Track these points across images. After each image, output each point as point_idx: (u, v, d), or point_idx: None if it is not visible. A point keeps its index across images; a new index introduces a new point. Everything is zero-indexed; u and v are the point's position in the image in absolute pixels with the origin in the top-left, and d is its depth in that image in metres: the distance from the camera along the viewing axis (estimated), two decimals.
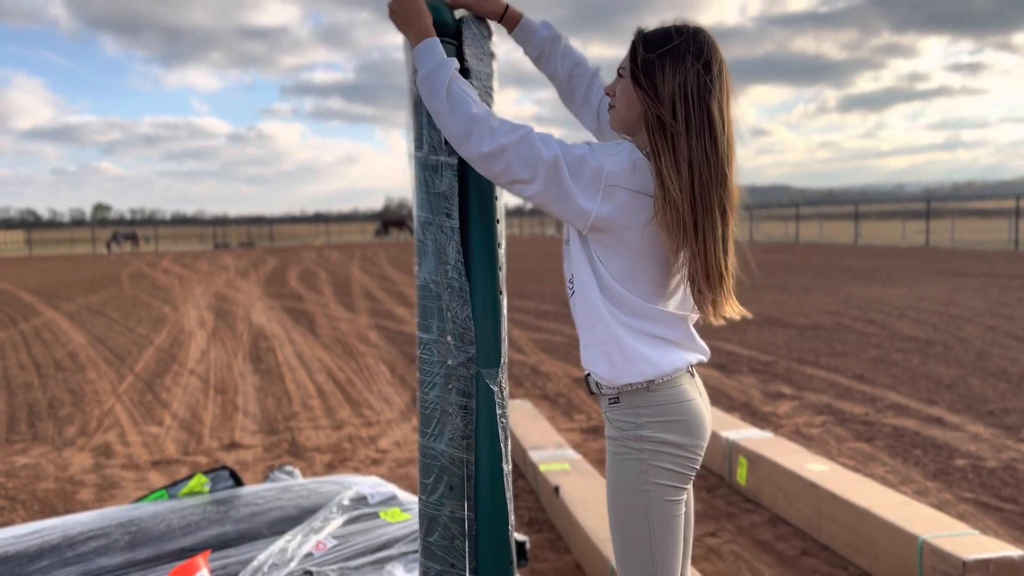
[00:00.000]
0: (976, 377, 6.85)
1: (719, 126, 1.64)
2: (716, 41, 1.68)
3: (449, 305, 1.81)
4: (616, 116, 1.76)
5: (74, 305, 14.77)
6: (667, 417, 1.69)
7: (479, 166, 1.65)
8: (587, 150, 1.63)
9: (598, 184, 1.61)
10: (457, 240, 1.81)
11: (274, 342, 9.90)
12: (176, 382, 7.63)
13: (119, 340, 10.32)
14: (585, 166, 1.61)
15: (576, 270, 1.74)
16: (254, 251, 38.87)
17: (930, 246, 27.76)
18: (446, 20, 1.83)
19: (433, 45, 1.72)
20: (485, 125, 1.62)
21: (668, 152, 1.61)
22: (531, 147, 1.60)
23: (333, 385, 7.36)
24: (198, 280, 20.32)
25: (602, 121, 1.99)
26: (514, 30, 2.00)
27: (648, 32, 1.70)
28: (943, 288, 13.76)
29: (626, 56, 1.72)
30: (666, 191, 1.60)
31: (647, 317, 1.70)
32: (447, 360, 1.82)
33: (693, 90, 1.62)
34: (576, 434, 5.51)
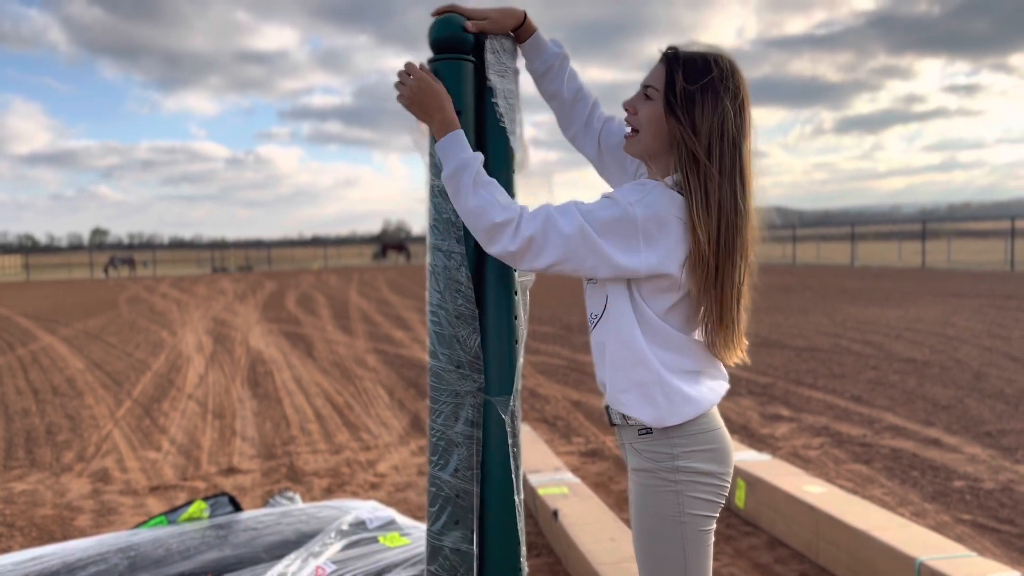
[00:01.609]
0: (973, 398, 6.86)
1: (748, 169, 1.63)
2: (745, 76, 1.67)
3: (458, 333, 1.79)
4: (638, 142, 1.71)
5: (71, 330, 14.77)
6: (702, 446, 1.67)
7: (511, 263, 1.63)
8: (612, 206, 1.59)
9: (636, 237, 1.58)
10: (467, 266, 1.79)
11: (272, 366, 9.90)
12: (174, 407, 7.62)
13: (117, 365, 10.31)
14: (616, 224, 1.57)
15: (612, 309, 1.69)
16: (252, 275, 38.90)
17: (926, 267, 27.85)
18: (464, 39, 1.78)
19: (456, 140, 1.67)
20: (509, 226, 1.59)
21: (700, 192, 1.59)
22: (554, 228, 1.57)
23: (331, 409, 7.36)
24: (196, 304, 20.32)
25: (603, 149, 1.96)
26: (525, 41, 1.93)
27: (685, 56, 1.65)
28: (940, 309, 13.80)
29: (655, 76, 1.67)
30: (693, 232, 1.59)
31: (686, 352, 1.69)
32: (455, 388, 1.79)
33: (729, 130, 1.60)
34: (574, 457, 5.51)
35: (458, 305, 1.78)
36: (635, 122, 1.70)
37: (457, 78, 1.78)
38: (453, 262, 1.78)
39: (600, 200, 1.62)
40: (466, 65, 1.78)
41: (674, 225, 1.60)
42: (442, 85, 1.73)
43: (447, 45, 1.77)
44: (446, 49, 1.77)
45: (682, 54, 1.66)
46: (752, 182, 1.64)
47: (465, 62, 1.78)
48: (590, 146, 1.98)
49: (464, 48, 1.78)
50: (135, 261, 44.15)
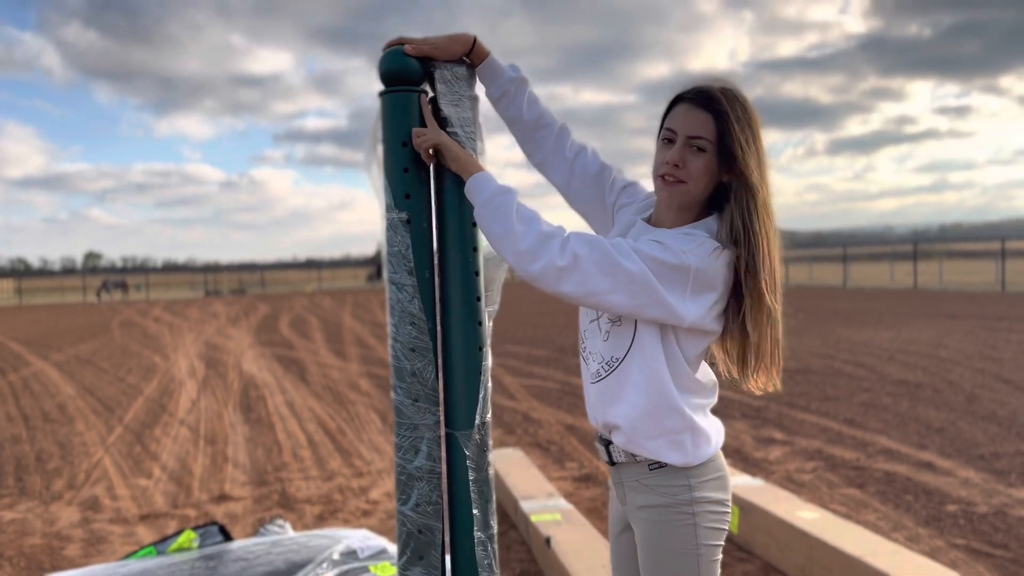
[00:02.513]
0: (966, 421, 6.87)
1: (772, 204, 1.67)
2: None
3: (413, 366, 1.75)
4: (686, 193, 1.67)
5: (63, 355, 14.70)
6: (712, 475, 1.69)
7: (551, 284, 1.56)
8: (665, 251, 1.56)
9: (685, 286, 1.57)
10: (419, 298, 1.74)
11: (265, 391, 9.86)
12: (166, 433, 7.58)
13: (108, 390, 10.26)
14: (671, 270, 1.56)
15: (639, 353, 1.66)
16: (245, 298, 38.83)
17: (918, 288, 27.95)
18: (411, 68, 1.74)
19: (488, 176, 1.64)
20: (557, 239, 1.55)
21: (764, 238, 1.61)
22: (607, 255, 1.54)
23: (324, 435, 7.33)
24: (189, 328, 20.26)
25: (575, 179, 1.91)
26: (478, 66, 1.85)
27: (729, 97, 1.64)
28: (932, 331, 13.84)
29: (701, 125, 1.63)
30: (755, 276, 1.61)
31: (706, 391, 1.72)
32: (414, 422, 1.76)
33: (764, 167, 1.65)
34: (568, 483, 5.50)
35: (412, 338, 1.74)
36: (682, 175, 1.66)
37: (403, 110, 1.75)
38: (405, 294, 1.74)
39: (649, 243, 1.59)
40: (412, 96, 1.76)
41: (721, 279, 1.61)
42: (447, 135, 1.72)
43: (395, 77, 1.75)
44: (394, 81, 1.75)
45: (726, 99, 1.64)
46: (775, 215, 1.68)
47: (412, 93, 1.76)
48: (560, 174, 1.92)
49: (412, 79, 1.75)
50: (128, 285, 44.04)
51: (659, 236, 1.62)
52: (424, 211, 1.75)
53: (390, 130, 1.75)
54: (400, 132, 1.74)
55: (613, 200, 1.93)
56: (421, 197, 1.75)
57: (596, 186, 1.92)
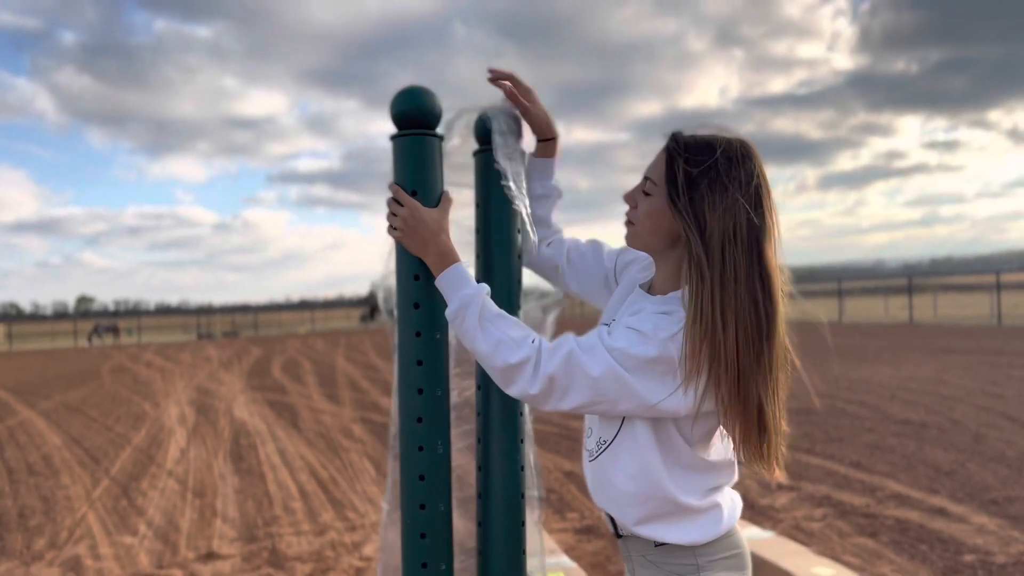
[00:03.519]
0: (975, 462, 6.71)
1: (771, 272, 1.44)
2: (759, 156, 1.49)
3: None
4: (636, 237, 1.56)
5: (52, 403, 14.44)
6: (725, 553, 1.54)
7: (533, 405, 1.51)
8: (644, 341, 1.41)
9: (666, 376, 1.42)
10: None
11: (256, 438, 9.65)
12: (153, 485, 7.36)
13: (96, 440, 10.02)
14: (652, 363, 1.40)
15: (629, 434, 1.52)
16: (238, 341, 38.53)
17: (914, 323, 27.88)
18: (429, 108, 1.63)
19: (456, 275, 1.54)
20: (527, 366, 1.44)
21: (708, 302, 1.41)
22: (579, 367, 1.42)
23: (316, 485, 7.12)
24: (180, 373, 20.01)
25: (571, 261, 1.88)
26: (542, 159, 1.85)
27: (688, 141, 1.47)
28: (931, 367, 13.70)
29: (655, 166, 1.52)
30: (710, 346, 1.41)
31: (712, 471, 1.55)
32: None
33: (742, 227, 1.41)
34: (569, 535, 5.30)
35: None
36: (633, 216, 1.55)
37: (422, 155, 1.62)
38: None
39: (628, 333, 1.44)
40: (432, 141, 1.64)
41: None
42: (435, 210, 1.59)
43: (410, 119, 1.62)
44: (409, 123, 1.62)
45: (684, 139, 1.48)
46: (777, 285, 1.45)
47: (428, 137, 1.63)
48: (549, 264, 1.90)
49: (430, 123, 1.63)
50: (119, 329, 43.72)
51: (640, 319, 1.46)
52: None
53: (402, 178, 1.62)
54: (413, 180, 1.62)
55: (612, 265, 1.84)
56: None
57: (593, 260, 1.87)
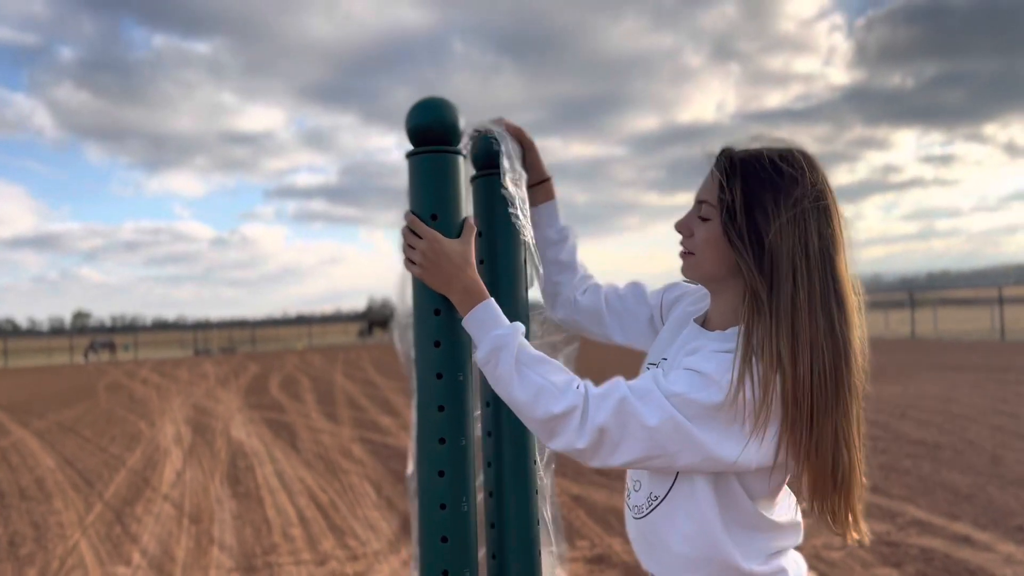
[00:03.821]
0: (994, 485, 6.52)
1: (845, 288, 1.28)
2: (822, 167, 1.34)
3: None
4: (697, 267, 1.39)
5: (46, 422, 14.21)
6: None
7: (580, 460, 1.31)
8: (707, 385, 1.23)
9: (731, 424, 1.23)
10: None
11: (253, 460, 9.43)
12: (148, 510, 7.14)
13: (90, 462, 9.80)
14: (716, 410, 1.23)
15: (684, 490, 1.34)
16: (235, 357, 38.29)
17: (916, 337, 27.73)
18: (450, 122, 1.45)
19: (487, 313, 1.35)
20: (573, 416, 1.26)
21: (783, 334, 1.24)
22: (633, 416, 1.24)
23: (315, 509, 6.91)
24: (177, 390, 19.78)
25: (611, 306, 1.71)
26: (543, 204, 1.71)
27: (742, 159, 1.32)
28: (939, 384, 13.52)
29: (708, 188, 1.36)
30: (782, 382, 1.23)
31: (785, 533, 1.39)
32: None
33: (813, 243, 1.26)
34: (579, 564, 5.11)
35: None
36: (690, 245, 1.39)
37: (443, 175, 1.43)
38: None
39: (687, 376, 1.26)
40: (454, 159, 1.45)
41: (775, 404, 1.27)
42: (458, 241, 1.40)
43: (430, 135, 1.43)
44: (430, 140, 1.43)
45: (736, 155, 1.34)
46: (853, 302, 1.30)
47: (452, 155, 1.44)
48: (590, 314, 1.72)
49: (451, 139, 1.45)
50: (116, 345, 43.46)
51: (699, 359, 1.29)
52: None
53: (419, 202, 1.43)
54: (432, 204, 1.43)
55: (658, 302, 1.67)
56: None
57: (635, 302, 1.71)
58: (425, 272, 1.39)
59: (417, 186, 1.44)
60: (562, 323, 1.76)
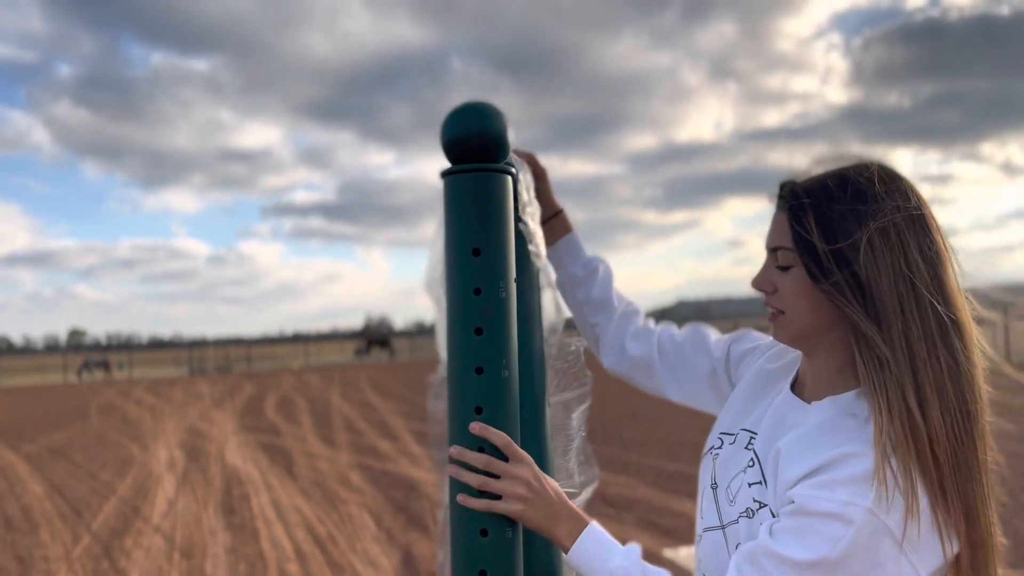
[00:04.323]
0: (1020, 519, 6.26)
1: (958, 304, 1.07)
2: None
3: None
4: (790, 326, 1.15)
5: (36, 446, 13.89)
6: None
7: None
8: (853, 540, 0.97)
9: (899, 555, 0.98)
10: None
11: (249, 487, 9.14)
12: (137, 543, 6.85)
13: (79, 489, 9.50)
14: (873, 550, 0.97)
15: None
16: (231, 376, 37.93)
17: None
18: (497, 133, 1.18)
19: (599, 541, 1.12)
20: None
21: (906, 383, 1.02)
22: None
23: (312, 543, 6.63)
24: (171, 412, 19.46)
25: (664, 349, 1.50)
26: (562, 239, 1.54)
27: (812, 189, 1.11)
28: None
29: (780, 231, 1.14)
30: (908, 448, 1.00)
31: None
32: None
33: (917, 265, 1.05)
34: None
35: None
36: (777, 302, 1.17)
37: (491, 199, 1.16)
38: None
39: (808, 520, 0.99)
40: (504, 180, 1.18)
41: (930, 537, 1.03)
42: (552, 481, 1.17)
43: (470, 147, 1.15)
44: (468, 155, 1.16)
45: (802, 187, 1.12)
46: (972, 328, 1.08)
47: (496, 175, 1.17)
48: (640, 365, 1.52)
49: (500, 154, 1.18)
50: (110, 364, 43.05)
51: (814, 488, 1.01)
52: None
53: (458, 233, 1.16)
54: (474, 234, 1.15)
55: (723, 354, 1.43)
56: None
57: (694, 351, 1.47)
58: (529, 508, 1.11)
59: (455, 213, 1.17)
60: (612, 371, 1.53)
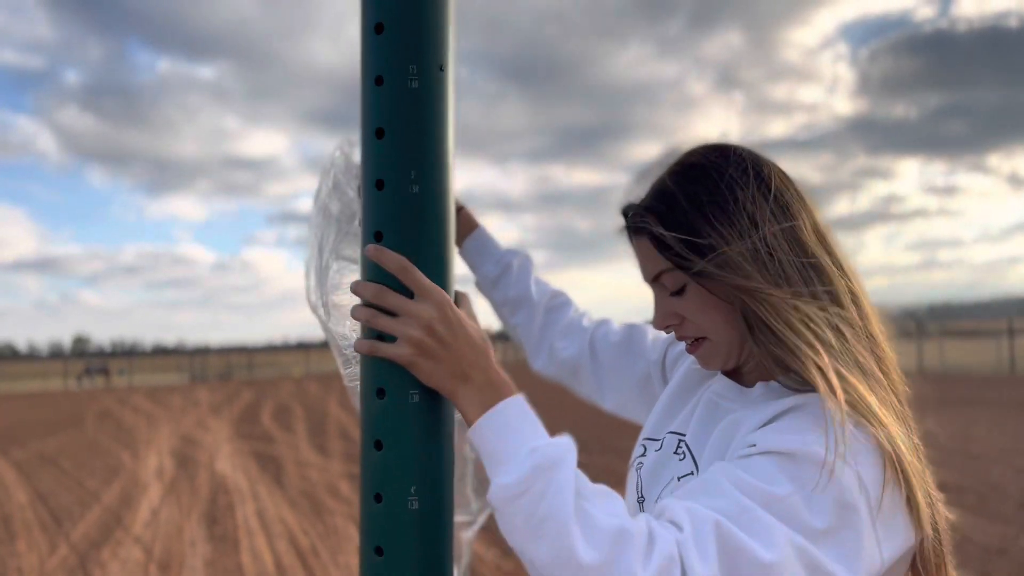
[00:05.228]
0: None
1: (830, 244, 1.03)
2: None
3: None
4: (714, 349, 1.03)
5: (26, 452, 13.71)
6: None
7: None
8: (830, 485, 0.86)
9: (872, 523, 0.88)
10: None
11: (235, 497, 8.94)
12: (115, 555, 6.65)
13: (64, 498, 9.31)
14: (849, 516, 0.86)
15: None
16: (231, 383, 37.76)
17: (924, 371, 27.21)
18: None
19: (519, 415, 0.89)
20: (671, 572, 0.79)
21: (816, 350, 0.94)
22: (742, 554, 0.81)
23: (294, 556, 6.43)
24: (167, 418, 19.28)
25: (596, 351, 1.34)
26: (468, 238, 1.38)
27: (647, 203, 1.03)
28: (955, 421, 13.01)
29: (646, 253, 1.04)
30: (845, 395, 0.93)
31: None
32: None
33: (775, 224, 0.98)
34: None
35: None
36: (691, 331, 1.04)
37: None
38: None
39: (779, 466, 0.87)
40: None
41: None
42: (462, 306, 0.98)
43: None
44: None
45: (643, 205, 1.04)
46: (848, 261, 1.04)
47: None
48: (568, 365, 1.37)
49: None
50: (110, 370, 42.92)
51: (785, 439, 0.90)
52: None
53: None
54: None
55: (659, 357, 1.30)
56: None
57: (628, 352, 1.33)
58: (424, 358, 0.90)
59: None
60: (544, 375, 1.38)
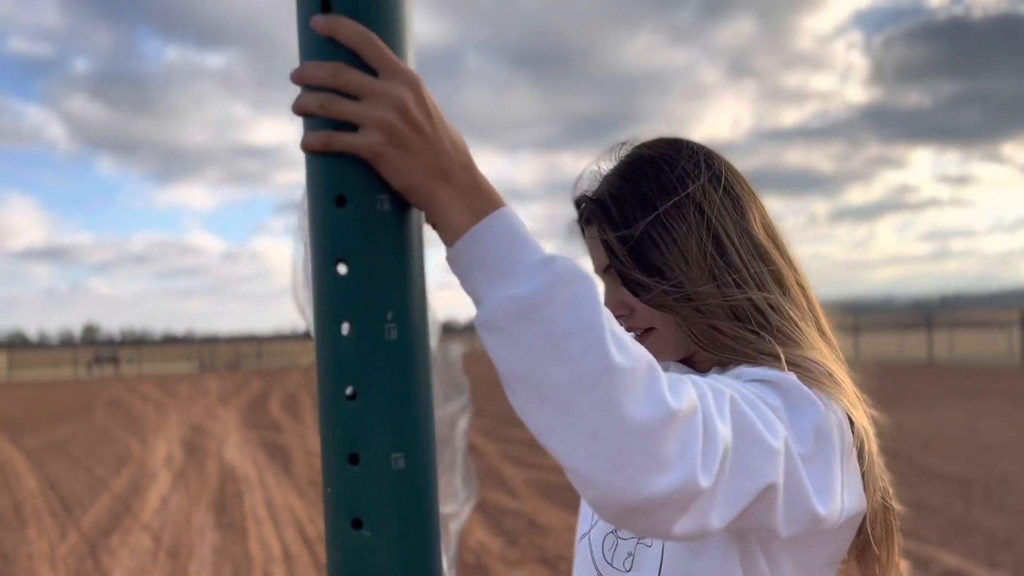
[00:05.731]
0: None
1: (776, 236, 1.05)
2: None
3: None
4: (664, 339, 1.02)
5: (37, 440, 13.82)
6: None
7: (672, 516, 0.71)
8: (811, 408, 0.87)
9: (841, 464, 0.88)
10: None
11: (243, 485, 9.00)
12: (124, 541, 6.71)
13: (73, 485, 9.38)
14: (824, 447, 0.86)
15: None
16: (240, 372, 37.94)
17: (933, 362, 27.11)
18: None
19: (512, 228, 0.72)
20: (693, 421, 0.70)
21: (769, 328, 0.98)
22: (753, 433, 0.77)
23: (302, 544, 6.47)
24: (176, 407, 19.40)
25: None
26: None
27: (596, 195, 1.04)
28: (962, 412, 12.99)
29: (596, 249, 1.05)
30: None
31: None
32: None
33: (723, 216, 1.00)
34: None
35: None
36: (641, 321, 1.03)
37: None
38: None
39: (765, 388, 0.87)
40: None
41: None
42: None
43: None
44: None
45: (595, 195, 1.05)
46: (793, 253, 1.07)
47: None
48: None
49: None
50: (120, 359, 43.16)
51: (772, 375, 0.90)
52: None
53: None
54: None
55: None
56: None
57: None
58: (397, 148, 0.68)
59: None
60: None
